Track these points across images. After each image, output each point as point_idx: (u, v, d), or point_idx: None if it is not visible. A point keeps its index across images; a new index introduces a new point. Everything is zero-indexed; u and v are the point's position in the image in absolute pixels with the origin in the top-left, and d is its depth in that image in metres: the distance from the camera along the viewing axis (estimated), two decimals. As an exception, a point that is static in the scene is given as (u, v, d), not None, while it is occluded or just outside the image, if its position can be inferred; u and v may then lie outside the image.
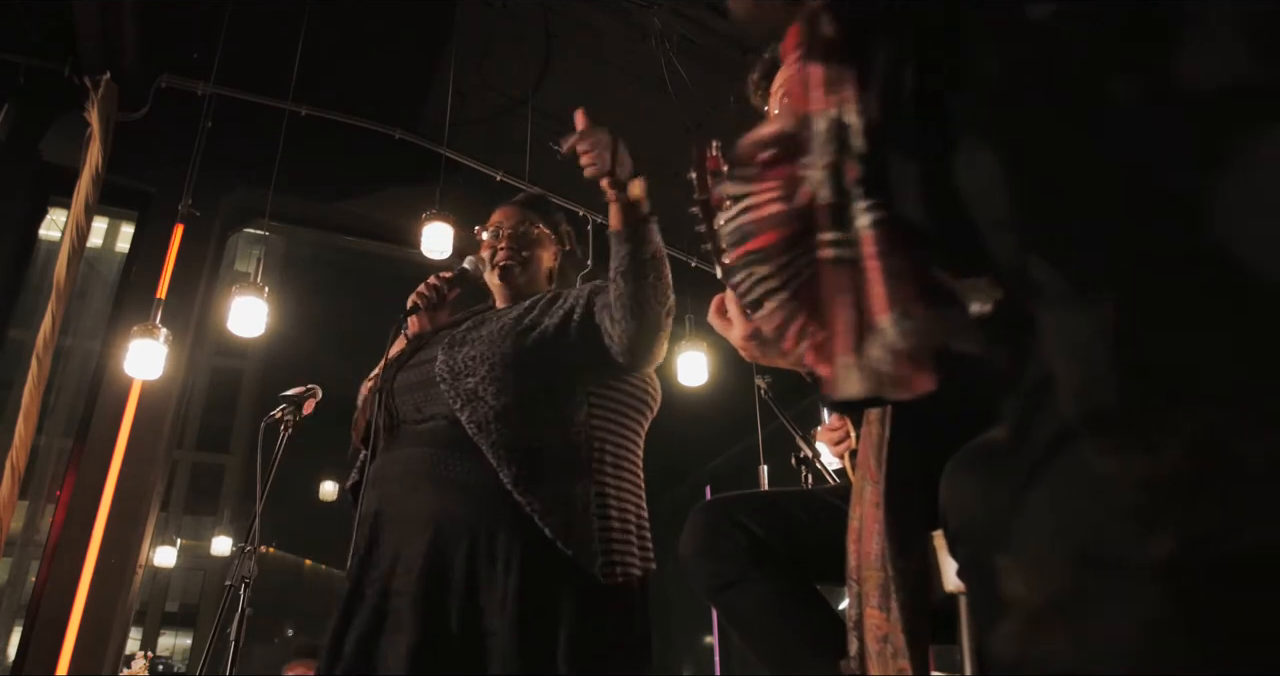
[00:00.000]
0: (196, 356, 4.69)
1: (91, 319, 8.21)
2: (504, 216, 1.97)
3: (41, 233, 4.51)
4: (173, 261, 4.20)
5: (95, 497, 3.77)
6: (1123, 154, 0.49)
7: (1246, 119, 0.46)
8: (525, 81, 4.60)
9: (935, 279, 0.59)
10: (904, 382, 0.63)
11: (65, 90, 4.12)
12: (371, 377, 1.86)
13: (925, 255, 0.58)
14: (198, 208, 4.12)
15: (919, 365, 0.62)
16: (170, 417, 4.15)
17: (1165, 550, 0.45)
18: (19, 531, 10.21)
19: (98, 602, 3.63)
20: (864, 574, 1.20)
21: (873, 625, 1.17)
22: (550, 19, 4.26)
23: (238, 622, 2.33)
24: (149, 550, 4.42)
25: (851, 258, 0.60)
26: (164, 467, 4.24)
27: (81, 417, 4.10)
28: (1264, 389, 0.46)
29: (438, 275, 1.93)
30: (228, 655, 2.33)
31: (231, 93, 4.45)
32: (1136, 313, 0.48)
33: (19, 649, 3.61)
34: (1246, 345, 0.47)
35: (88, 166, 3.86)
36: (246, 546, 2.47)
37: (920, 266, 0.59)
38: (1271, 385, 0.45)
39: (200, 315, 4.40)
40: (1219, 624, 0.45)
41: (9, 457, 3.46)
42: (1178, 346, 0.47)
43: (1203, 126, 0.47)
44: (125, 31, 3.99)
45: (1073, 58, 0.52)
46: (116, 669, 3.87)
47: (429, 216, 4.06)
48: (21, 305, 4.42)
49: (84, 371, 7.15)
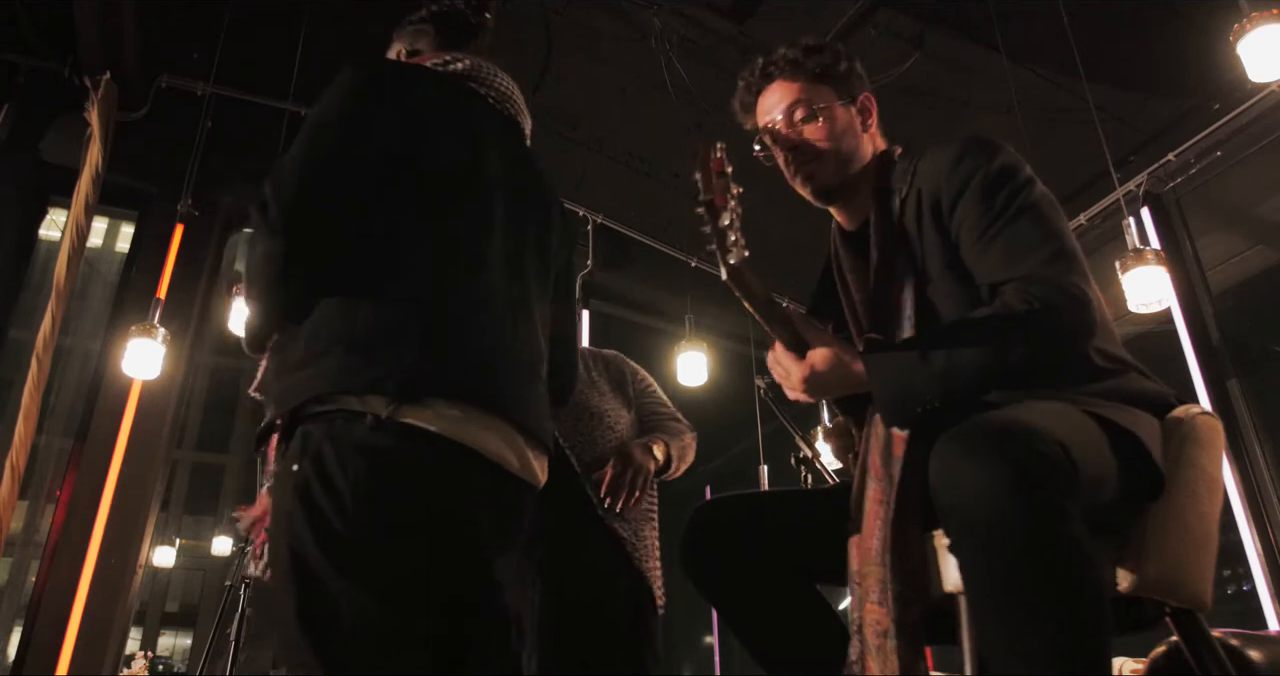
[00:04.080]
0: (196, 356, 4.69)
1: (91, 319, 8.20)
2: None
3: (41, 233, 4.50)
4: (173, 261, 4.20)
5: (95, 497, 3.77)
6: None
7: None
8: (525, 81, 4.59)
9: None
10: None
11: (65, 90, 4.12)
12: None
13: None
14: (198, 208, 4.11)
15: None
16: (170, 417, 4.15)
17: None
18: (19, 531, 10.21)
19: (98, 602, 3.63)
20: (865, 571, 1.20)
21: (872, 620, 1.17)
22: (550, 19, 4.26)
23: (238, 622, 2.33)
24: (149, 550, 4.41)
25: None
26: (164, 467, 4.23)
27: (81, 417, 4.09)
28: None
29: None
30: (228, 655, 2.33)
31: (231, 93, 4.44)
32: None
33: (19, 649, 3.60)
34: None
35: (88, 166, 3.85)
36: (246, 546, 2.46)
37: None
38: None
39: (200, 315, 4.40)
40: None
41: (9, 457, 3.46)
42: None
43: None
44: (125, 31, 3.98)
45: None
46: (116, 669, 3.87)
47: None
48: (21, 305, 4.41)
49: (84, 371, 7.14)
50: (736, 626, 1.42)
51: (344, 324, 1.17)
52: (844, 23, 4.07)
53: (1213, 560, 1.28)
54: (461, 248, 1.27)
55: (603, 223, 5.13)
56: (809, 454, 2.21)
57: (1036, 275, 1.21)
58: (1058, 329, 1.18)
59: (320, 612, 1.07)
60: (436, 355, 1.17)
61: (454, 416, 1.15)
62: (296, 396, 1.15)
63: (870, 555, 1.19)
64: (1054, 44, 3.91)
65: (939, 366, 1.17)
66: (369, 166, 1.23)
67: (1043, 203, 1.30)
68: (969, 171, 1.31)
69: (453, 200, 1.29)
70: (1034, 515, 0.98)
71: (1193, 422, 1.30)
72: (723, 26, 4.25)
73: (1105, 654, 0.98)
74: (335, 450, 1.11)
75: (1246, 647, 1.60)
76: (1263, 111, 3.96)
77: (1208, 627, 1.26)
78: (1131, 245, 3.63)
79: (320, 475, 1.10)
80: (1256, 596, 3.72)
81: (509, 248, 1.33)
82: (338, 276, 1.20)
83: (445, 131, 1.32)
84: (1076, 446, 1.04)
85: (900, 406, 1.20)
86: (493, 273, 1.28)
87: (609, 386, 2.21)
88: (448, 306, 1.21)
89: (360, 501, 1.09)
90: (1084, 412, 1.18)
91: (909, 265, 1.33)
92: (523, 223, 1.38)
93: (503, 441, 1.20)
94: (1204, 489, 1.28)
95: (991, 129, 4.31)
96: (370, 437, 1.11)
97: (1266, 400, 4.04)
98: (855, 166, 1.47)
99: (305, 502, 1.10)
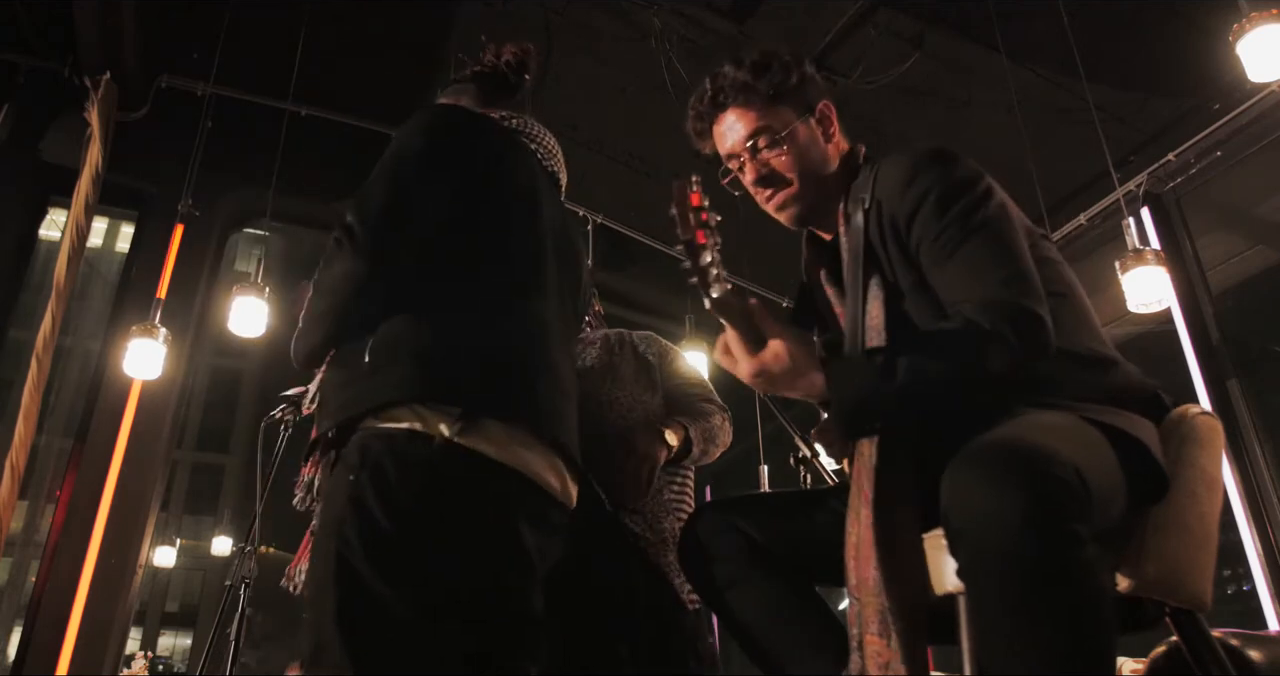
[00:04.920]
0: (196, 356, 4.69)
1: (91, 319, 8.19)
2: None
3: (41, 233, 4.50)
4: (173, 261, 4.20)
5: (95, 497, 3.77)
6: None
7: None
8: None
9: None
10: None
11: (65, 90, 4.12)
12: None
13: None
14: (198, 208, 4.11)
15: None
16: (170, 417, 4.15)
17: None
18: (19, 531, 10.21)
19: (98, 602, 3.63)
20: (864, 598, 1.19)
21: (873, 652, 1.17)
22: (550, 19, 4.26)
23: (238, 622, 2.33)
24: (149, 550, 4.42)
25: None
26: (164, 467, 4.23)
27: (81, 417, 4.09)
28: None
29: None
30: (228, 655, 2.33)
31: (231, 93, 4.44)
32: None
33: (19, 649, 3.60)
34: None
35: (88, 166, 3.85)
36: (246, 546, 2.47)
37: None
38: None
39: (200, 315, 4.40)
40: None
41: (9, 457, 3.46)
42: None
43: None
44: (125, 31, 3.98)
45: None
46: (116, 669, 3.87)
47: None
48: (21, 305, 4.41)
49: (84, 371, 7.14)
50: (736, 628, 1.42)
51: (413, 339, 1.24)
52: (844, 23, 4.07)
53: (1213, 560, 1.28)
54: (520, 277, 1.36)
55: (603, 223, 5.13)
56: (808, 454, 2.21)
57: (991, 298, 1.20)
58: (1016, 350, 1.18)
59: (359, 617, 1.10)
60: (498, 374, 1.26)
61: (507, 440, 1.22)
62: (360, 405, 1.21)
63: (868, 584, 1.18)
64: (1054, 44, 3.91)
65: (901, 380, 1.16)
66: (442, 197, 1.32)
67: (997, 217, 1.28)
68: (922, 191, 1.29)
69: (515, 233, 1.38)
70: (1047, 543, 0.97)
71: (1192, 422, 1.30)
72: (723, 26, 4.25)
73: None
74: (396, 464, 1.16)
75: (1246, 647, 1.59)
76: (1262, 111, 3.96)
77: (1208, 627, 1.26)
78: (1131, 245, 3.63)
79: (378, 487, 1.15)
80: (1256, 596, 3.72)
81: (557, 281, 1.42)
82: (408, 297, 1.27)
83: (510, 170, 1.42)
84: (1088, 467, 1.03)
85: (857, 417, 1.22)
86: (546, 302, 1.38)
87: (631, 371, 2.11)
88: (506, 330, 1.30)
89: (415, 515, 1.15)
90: (1084, 420, 1.17)
91: (880, 278, 1.32)
92: (564, 261, 1.48)
93: (547, 465, 1.27)
94: (1204, 489, 1.28)
95: (991, 129, 4.31)
96: (432, 456, 1.17)
97: (1266, 400, 4.04)
98: (826, 182, 1.45)
99: (360, 511, 1.14)
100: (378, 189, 1.31)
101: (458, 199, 1.33)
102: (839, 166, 1.47)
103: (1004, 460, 1.01)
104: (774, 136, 1.43)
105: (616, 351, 2.15)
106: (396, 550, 1.13)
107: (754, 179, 1.45)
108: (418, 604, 1.12)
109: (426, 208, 1.30)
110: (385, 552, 1.13)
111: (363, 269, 1.26)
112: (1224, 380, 4.07)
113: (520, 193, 1.42)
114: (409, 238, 1.28)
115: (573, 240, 1.56)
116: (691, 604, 1.93)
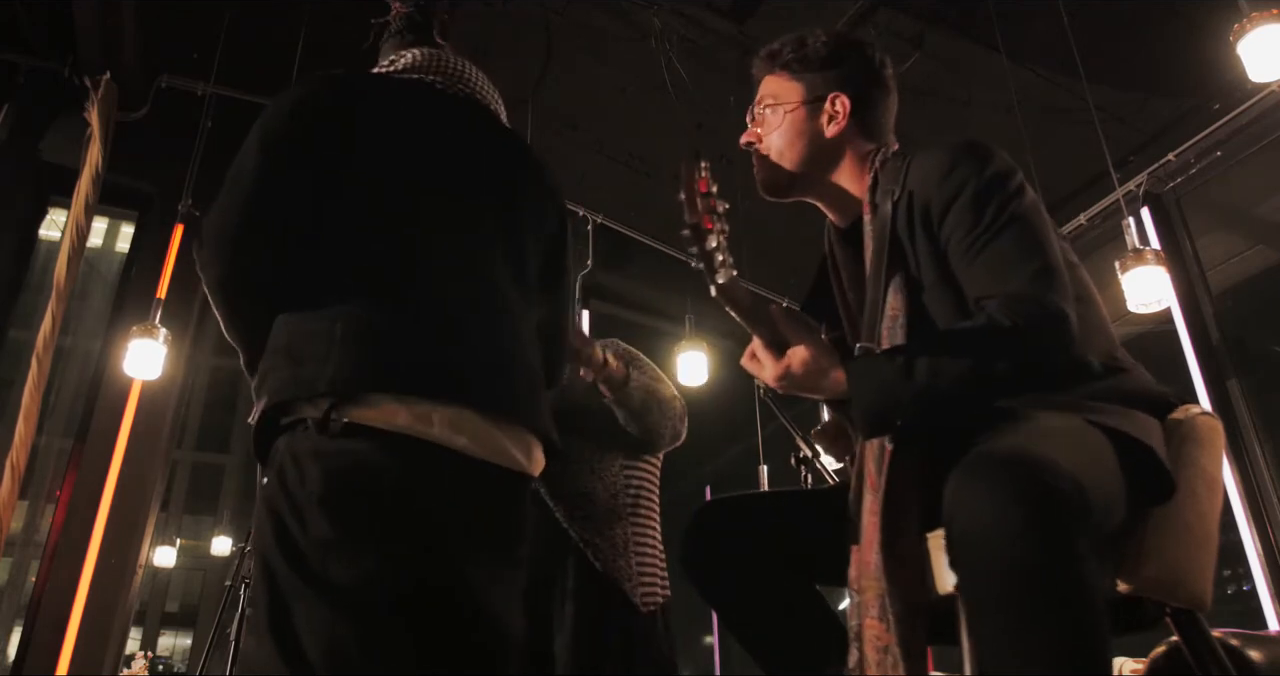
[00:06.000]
0: (196, 356, 4.69)
1: (91, 319, 8.19)
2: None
3: (41, 233, 4.50)
4: (173, 261, 4.20)
5: (95, 497, 3.77)
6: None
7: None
8: (525, 81, 4.59)
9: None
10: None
11: (65, 90, 4.12)
12: None
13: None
14: (198, 208, 4.11)
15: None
16: (170, 417, 4.15)
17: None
18: (19, 531, 10.20)
19: (98, 602, 3.63)
20: (864, 584, 1.19)
21: (872, 636, 1.17)
22: (550, 19, 4.26)
23: (238, 622, 2.33)
24: (149, 550, 4.41)
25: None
26: (164, 467, 4.23)
27: (81, 417, 4.09)
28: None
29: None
30: (228, 655, 2.33)
31: (231, 93, 4.44)
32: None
33: (19, 649, 3.60)
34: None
35: (88, 166, 3.85)
36: (246, 546, 2.47)
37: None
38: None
39: (200, 315, 4.40)
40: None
41: (9, 457, 3.46)
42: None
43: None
44: (125, 31, 3.98)
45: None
46: (116, 669, 3.87)
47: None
48: (21, 305, 4.41)
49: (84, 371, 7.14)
50: (736, 628, 1.42)
51: (285, 338, 1.21)
52: (844, 23, 4.07)
53: (1213, 560, 1.28)
54: (404, 251, 1.26)
55: (603, 223, 5.13)
56: (809, 454, 2.21)
57: (1018, 292, 1.20)
58: (1036, 346, 1.18)
59: (286, 622, 1.07)
60: (370, 355, 1.16)
61: (396, 407, 1.14)
62: (257, 412, 1.19)
63: (869, 569, 1.18)
64: (1054, 44, 3.91)
65: (921, 380, 1.16)
66: (300, 185, 1.26)
67: (1030, 214, 1.28)
68: (961, 181, 1.29)
69: (402, 197, 1.29)
70: (1046, 555, 0.97)
71: (1192, 422, 1.30)
72: (723, 26, 4.25)
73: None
74: (291, 458, 1.13)
75: (1246, 647, 1.59)
76: (1263, 111, 3.96)
77: (1208, 627, 1.26)
78: (1131, 245, 3.63)
79: (281, 485, 1.12)
80: (1256, 596, 3.72)
81: (474, 245, 1.32)
82: (281, 296, 1.24)
83: (388, 135, 1.31)
84: (1089, 477, 1.04)
85: (879, 417, 1.21)
86: (442, 269, 1.27)
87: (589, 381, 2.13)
88: (388, 302, 1.21)
89: (314, 508, 1.09)
90: (1090, 424, 1.17)
91: (903, 271, 1.33)
92: (494, 194, 1.37)
93: (458, 428, 1.16)
94: (1204, 488, 1.28)
95: (991, 129, 4.31)
96: (318, 442, 1.12)
97: (1266, 400, 4.04)
98: (811, 167, 1.47)
99: (271, 514, 1.12)
100: (223, 193, 1.29)
101: (324, 180, 1.27)
102: (850, 159, 1.47)
103: (1005, 471, 1.01)
104: (773, 108, 1.49)
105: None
106: (302, 547, 1.08)
107: (743, 140, 1.52)
108: (334, 599, 1.07)
109: (282, 199, 1.27)
110: (299, 556, 1.08)
111: (214, 278, 1.26)
112: (1224, 380, 4.07)
113: (409, 149, 1.32)
114: (262, 242, 1.25)
115: (514, 176, 1.43)
116: (645, 607, 1.94)
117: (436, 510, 1.15)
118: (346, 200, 1.27)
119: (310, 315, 1.20)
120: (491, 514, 1.22)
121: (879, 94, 1.51)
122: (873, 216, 1.39)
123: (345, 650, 1.05)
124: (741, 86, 1.65)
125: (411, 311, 1.21)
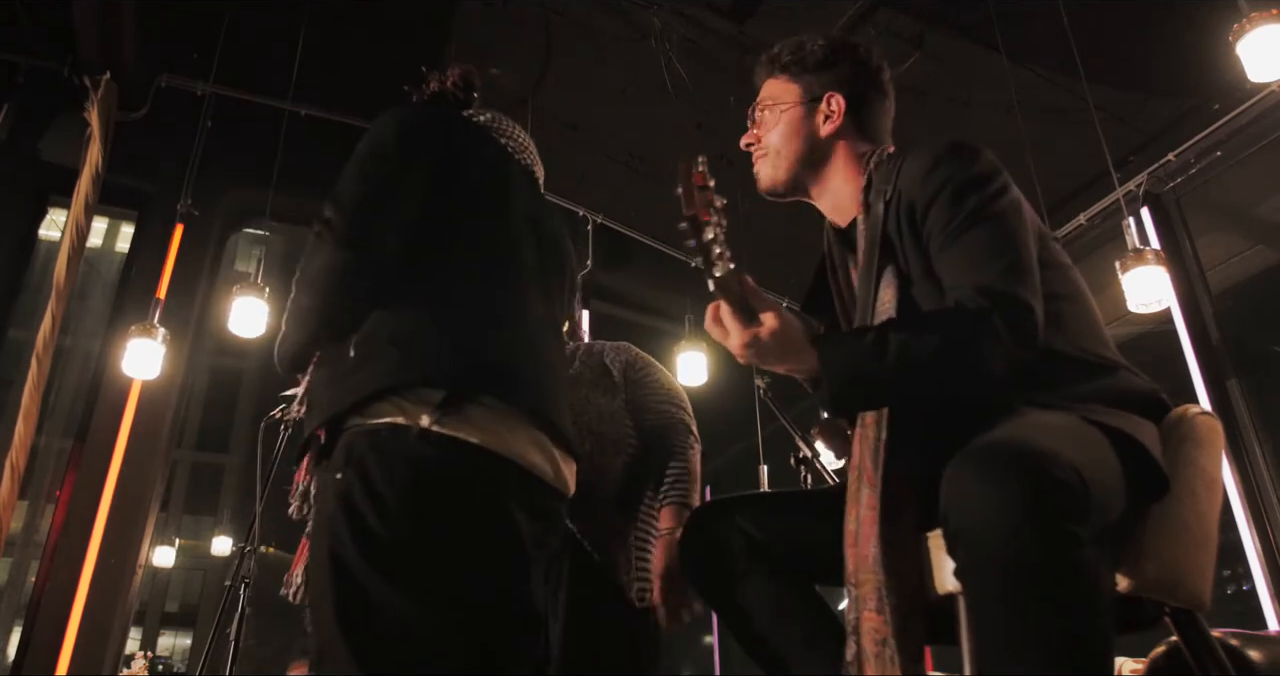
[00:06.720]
0: (196, 356, 4.69)
1: (91, 319, 8.19)
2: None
3: (41, 233, 4.50)
4: (173, 261, 4.20)
5: (95, 497, 3.77)
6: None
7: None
8: (525, 81, 4.60)
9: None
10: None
11: (65, 90, 4.12)
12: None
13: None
14: (198, 208, 4.11)
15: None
16: (170, 417, 4.15)
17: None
18: (19, 531, 10.20)
19: (98, 602, 3.63)
20: (861, 577, 1.20)
21: (870, 628, 1.17)
22: (550, 19, 4.26)
23: (238, 622, 2.33)
24: (149, 550, 4.41)
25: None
26: (164, 467, 4.23)
27: (81, 418, 4.09)
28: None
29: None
30: (228, 655, 2.33)
31: (231, 93, 4.45)
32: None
33: (19, 649, 3.60)
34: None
35: (87, 166, 3.85)
36: (246, 546, 2.47)
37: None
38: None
39: (200, 315, 4.40)
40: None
41: (9, 457, 3.46)
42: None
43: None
44: (125, 31, 3.98)
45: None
46: (116, 669, 3.87)
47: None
48: (21, 305, 4.41)
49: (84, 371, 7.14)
50: (736, 627, 1.42)
51: (392, 331, 1.23)
52: (844, 23, 4.07)
53: (1212, 559, 1.28)
54: (498, 265, 1.36)
55: (603, 223, 5.13)
56: (809, 454, 2.21)
57: (987, 285, 1.21)
58: (1001, 332, 1.18)
59: (358, 614, 1.11)
60: (478, 357, 1.25)
61: (492, 423, 1.21)
62: (343, 402, 1.20)
63: (866, 562, 1.19)
64: (1054, 44, 3.91)
65: (891, 358, 1.17)
66: (414, 190, 1.31)
67: (1008, 212, 1.29)
68: (943, 179, 1.31)
69: (488, 221, 1.38)
70: (1046, 544, 0.97)
71: (1192, 422, 1.30)
72: (723, 26, 4.25)
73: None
74: (379, 459, 1.16)
75: (1246, 647, 1.59)
76: (1262, 111, 3.96)
77: (1207, 627, 1.26)
78: (1131, 245, 3.63)
79: (364, 483, 1.15)
80: (1256, 596, 3.72)
81: (538, 268, 1.43)
82: (389, 290, 1.27)
83: (480, 161, 1.42)
84: (1088, 468, 1.04)
85: (848, 391, 1.21)
86: (526, 286, 1.38)
87: (591, 376, 2.16)
88: (486, 315, 1.29)
89: (402, 508, 1.14)
90: (1084, 421, 1.18)
91: (893, 268, 1.34)
92: (546, 251, 1.48)
93: (535, 447, 1.26)
94: (1203, 488, 1.28)
95: (991, 129, 4.31)
96: (415, 448, 1.17)
97: (1266, 400, 4.04)
98: (807, 167, 1.49)
99: (349, 510, 1.14)
100: (352, 183, 1.30)
101: (430, 191, 1.32)
102: (847, 159, 1.49)
103: (1003, 460, 1.02)
104: (771, 108, 1.52)
105: (584, 360, 2.21)
106: (388, 546, 1.13)
107: (743, 142, 1.55)
108: (416, 599, 1.12)
109: (400, 200, 1.30)
110: (377, 549, 1.12)
111: (344, 259, 1.26)
112: (1224, 380, 4.07)
113: (492, 184, 1.42)
114: (386, 229, 1.27)
115: (556, 234, 1.55)
116: (639, 601, 1.95)
117: (515, 522, 1.23)
118: (446, 212, 1.34)
119: (419, 313, 1.26)
120: (550, 532, 1.32)
121: (875, 95, 1.53)
122: (866, 216, 1.41)
123: (413, 642, 1.11)
124: (741, 86, 1.67)
125: (507, 324, 1.32)
